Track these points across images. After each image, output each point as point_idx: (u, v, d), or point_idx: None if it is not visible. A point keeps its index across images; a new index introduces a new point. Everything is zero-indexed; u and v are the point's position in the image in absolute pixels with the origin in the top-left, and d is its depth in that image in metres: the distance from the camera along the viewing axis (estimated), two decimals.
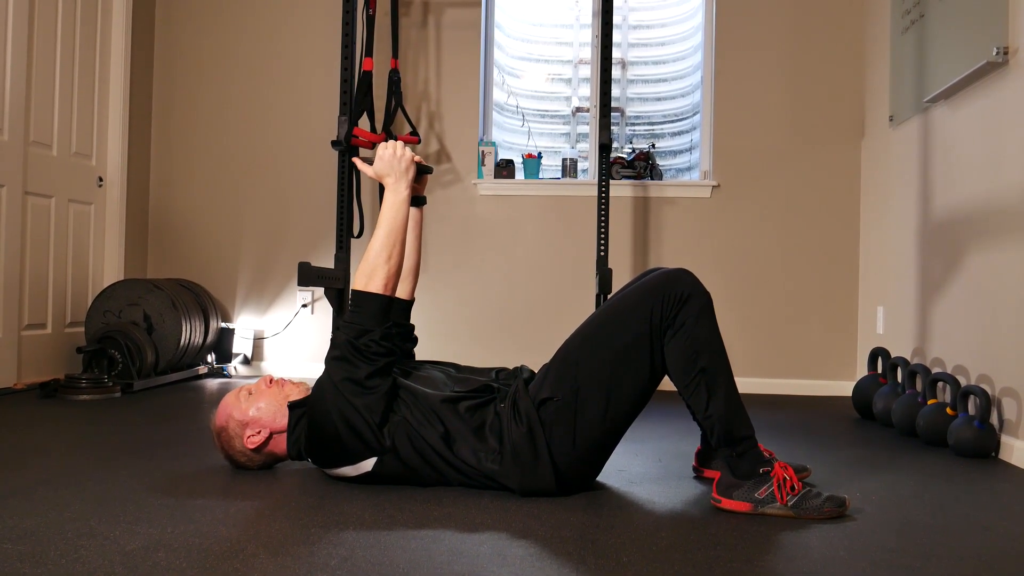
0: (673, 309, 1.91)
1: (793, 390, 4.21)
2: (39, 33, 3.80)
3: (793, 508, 1.85)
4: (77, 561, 1.45)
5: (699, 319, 1.92)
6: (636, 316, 1.93)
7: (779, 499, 1.86)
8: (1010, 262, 2.65)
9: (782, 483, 1.87)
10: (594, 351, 1.95)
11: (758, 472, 1.90)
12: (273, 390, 2.10)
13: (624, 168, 4.37)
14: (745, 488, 1.89)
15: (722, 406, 1.92)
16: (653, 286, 1.95)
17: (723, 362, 1.95)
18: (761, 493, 1.87)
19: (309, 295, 4.51)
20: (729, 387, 1.94)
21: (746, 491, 1.89)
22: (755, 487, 1.88)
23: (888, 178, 3.83)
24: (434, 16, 4.49)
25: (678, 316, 1.91)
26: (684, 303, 1.91)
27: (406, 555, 1.53)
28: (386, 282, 2.00)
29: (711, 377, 1.92)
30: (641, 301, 1.95)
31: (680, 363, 1.92)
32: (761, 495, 1.87)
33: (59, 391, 3.46)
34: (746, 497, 1.88)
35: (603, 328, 1.97)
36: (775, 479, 1.87)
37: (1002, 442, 2.61)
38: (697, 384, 1.92)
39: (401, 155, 2.08)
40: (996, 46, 2.68)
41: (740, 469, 1.91)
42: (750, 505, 1.88)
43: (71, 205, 4.07)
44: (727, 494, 1.90)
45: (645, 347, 1.93)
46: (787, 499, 1.86)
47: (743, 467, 1.91)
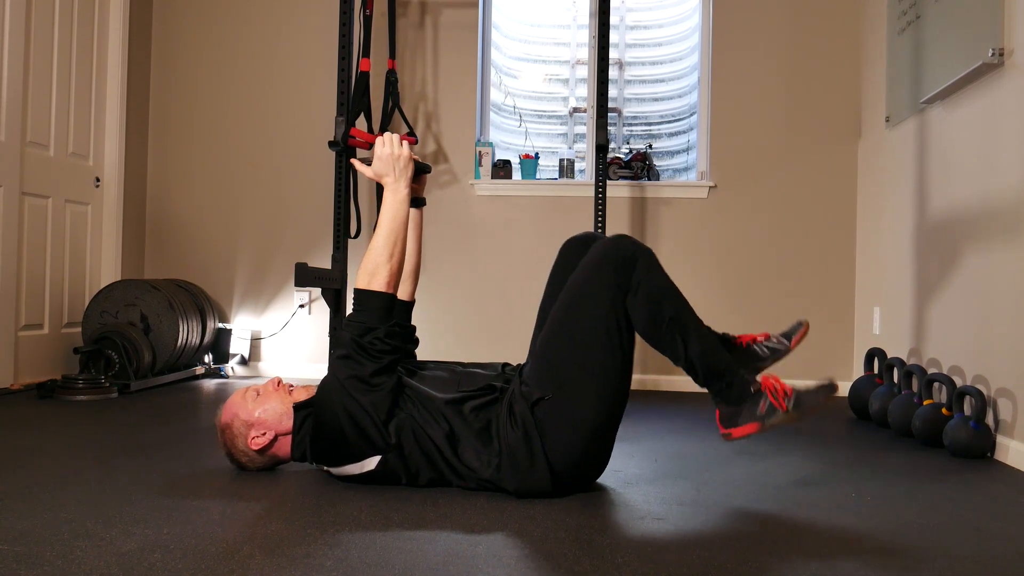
0: (625, 274, 1.93)
1: None
2: (36, 33, 3.80)
3: (795, 410, 1.88)
4: (73, 562, 1.45)
5: (651, 274, 1.94)
6: (594, 293, 1.95)
7: (779, 407, 1.89)
8: (1006, 263, 2.65)
9: (775, 392, 1.91)
10: (566, 340, 1.96)
11: (750, 392, 1.93)
12: (281, 393, 2.11)
13: (621, 168, 4.37)
14: (745, 411, 1.91)
15: (698, 346, 1.94)
16: (599, 259, 1.97)
17: (685, 305, 1.98)
18: (761, 409, 1.90)
19: (306, 295, 4.51)
20: (698, 327, 1.97)
21: (747, 413, 1.91)
22: (753, 406, 1.91)
23: (884, 179, 3.84)
24: (431, 16, 4.49)
25: (632, 278, 1.93)
26: (633, 264, 1.93)
27: (402, 556, 1.53)
28: (388, 280, 2.01)
29: (680, 324, 1.94)
30: (593, 277, 1.96)
31: (647, 320, 1.94)
32: (762, 411, 1.90)
33: (56, 392, 3.46)
34: (749, 418, 1.91)
35: (567, 315, 1.98)
36: (767, 391, 1.91)
37: (997, 442, 2.62)
38: (670, 334, 1.94)
39: (399, 154, 2.08)
40: (992, 47, 2.69)
41: (733, 396, 1.94)
42: (757, 424, 1.90)
43: (68, 205, 4.06)
44: (732, 424, 1.93)
45: (612, 318, 1.94)
46: (786, 404, 1.89)
47: (735, 393, 1.94)
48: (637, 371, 4.28)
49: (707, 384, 1.98)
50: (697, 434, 2.96)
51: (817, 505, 2.00)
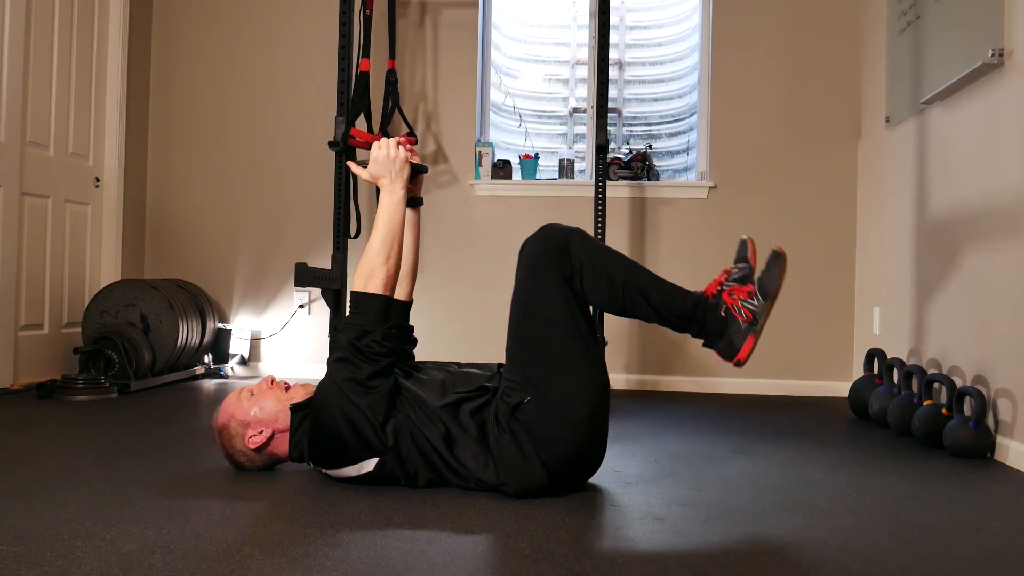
0: (563, 260, 1.94)
1: (789, 391, 4.22)
2: (36, 33, 3.80)
3: (765, 300, 1.95)
4: (73, 562, 1.45)
5: (588, 250, 1.96)
6: (541, 288, 1.96)
7: (754, 304, 1.95)
8: (1006, 263, 2.65)
9: (744, 300, 1.95)
10: (528, 341, 1.97)
11: (722, 316, 1.96)
12: (275, 391, 2.11)
13: (621, 169, 4.37)
14: (733, 334, 1.95)
15: (659, 298, 1.98)
16: (534, 255, 1.98)
17: (632, 265, 2.01)
18: (743, 320, 1.94)
19: (306, 296, 4.51)
20: (652, 279, 2.00)
21: (737, 335, 1.95)
22: (735, 324, 1.95)
23: (884, 179, 3.84)
24: (431, 17, 4.49)
25: (571, 262, 1.94)
26: (567, 248, 1.95)
27: (402, 556, 1.53)
28: (385, 282, 2.01)
29: (636, 284, 1.97)
30: (535, 274, 1.97)
31: (604, 293, 1.96)
32: (745, 322, 1.94)
33: (56, 392, 3.46)
34: (742, 337, 1.94)
35: (523, 317, 1.99)
36: (734, 306, 1.95)
37: (997, 443, 2.62)
38: (630, 297, 1.97)
39: (395, 156, 2.08)
40: (991, 48, 2.69)
41: (713, 329, 1.97)
42: (751, 337, 1.94)
43: (68, 205, 4.06)
44: (733, 350, 1.96)
45: (565, 307, 1.95)
46: (756, 300, 1.95)
47: (713, 326, 1.98)
48: (636, 371, 4.29)
49: (684, 329, 2.01)
50: (696, 434, 2.96)
51: (817, 505, 2.00)
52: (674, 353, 4.24)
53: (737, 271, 2.06)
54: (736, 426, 3.17)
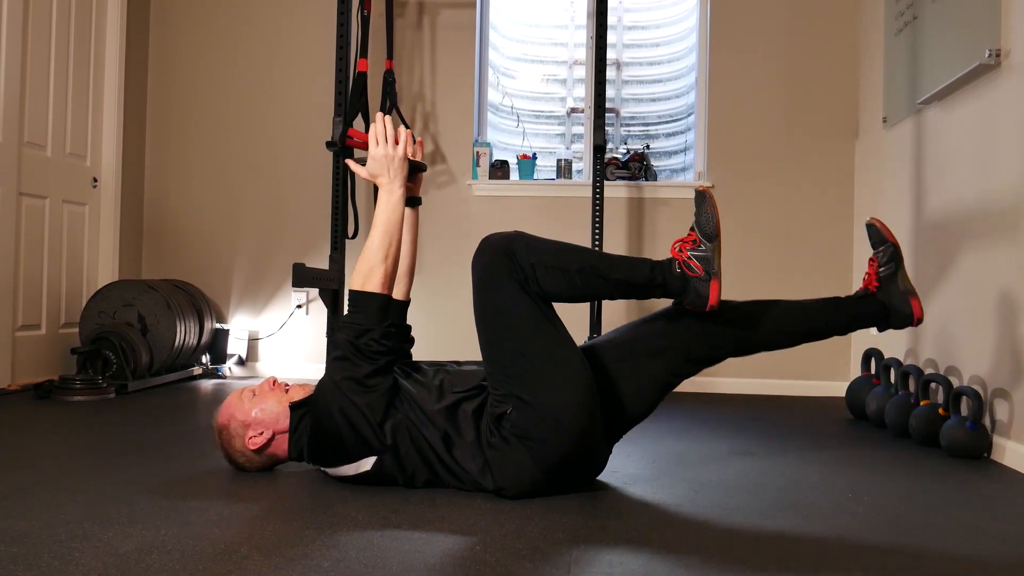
0: (513, 265, 1.93)
1: (787, 391, 4.22)
2: (33, 33, 3.79)
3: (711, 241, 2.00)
4: (71, 563, 1.45)
5: (532, 249, 1.96)
6: (499, 301, 1.95)
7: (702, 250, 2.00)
8: (1003, 263, 2.66)
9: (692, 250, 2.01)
10: (500, 356, 1.95)
11: (677, 272, 2.00)
12: (276, 392, 2.11)
13: (619, 169, 4.37)
14: (694, 285, 1.99)
15: (617, 275, 2.00)
16: (484, 270, 1.96)
17: (579, 250, 2.04)
18: (699, 269, 1.99)
19: (304, 296, 4.50)
20: (604, 259, 2.04)
21: (699, 284, 1.99)
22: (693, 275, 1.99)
23: (882, 179, 3.85)
24: (429, 17, 4.50)
25: (522, 266, 1.93)
26: (513, 253, 1.94)
27: (399, 556, 1.53)
28: (384, 281, 2.01)
29: (590, 267, 1.99)
30: (489, 289, 1.96)
31: (562, 284, 1.96)
32: (700, 270, 1.99)
33: (53, 392, 3.46)
34: (704, 285, 1.99)
35: (489, 332, 1.97)
36: (685, 261, 2.00)
37: (994, 443, 2.62)
38: (588, 281, 1.98)
39: (393, 154, 2.08)
40: (988, 48, 2.69)
41: (676, 287, 2.01)
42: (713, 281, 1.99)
43: (65, 206, 4.06)
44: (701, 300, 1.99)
45: (530, 314, 1.94)
46: (702, 245, 2.00)
47: (674, 284, 2.01)
48: None
49: (649, 295, 2.04)
50: (694, 434, 2.96)
51: (814, 505, 2.01)
52: None
53: (883, 253, 2.25)
54: (733, 426, 3.17)
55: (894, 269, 2.26)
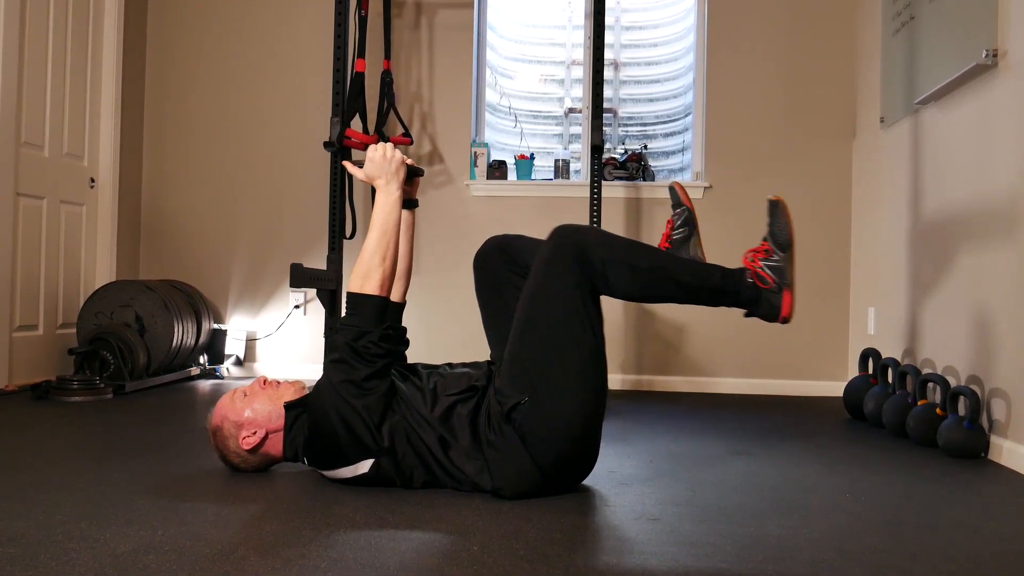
0: (584, 261, 1.92)
1: (785, 391, 4.22)
2: (30, 33, 3.79)
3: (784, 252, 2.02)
4: (67, 564, 1.45)
5: (607, 245, 1.95)
6: (558, 290, 1.94)
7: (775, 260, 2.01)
8: (1000, 263, 2.66)
9: (764, 260, 2.01)
10: (534, 343, 1.94)
11: (748, 282, 2.00)
12: (268, 391, 2.10)
13: (616, 169, 4.37)
14: (767, 295, 1.99)
15: (688, 279, 2.00)
16: (551, 260, 1.95)
17: (652, 250, 2.03)
18: (770, 280, 1.99)
19: (301, 296, 4.50)
20: (677, 261, 2.03)
21: (771, 295, 1.99)
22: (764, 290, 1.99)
23: (879, 179, 3.85)
24: (427, 17, 4.49)
25: (592, 260, 1.93)
26: (586, 248, 1.93)
27: (396, 557, 1.53)
28: (381, 283, 2.01)
29: (660, 268, 1.99)
30: (550, 279, 1.95)
31: (630, 283, 1.96)
32: (772, 280, 1.99)
33: (51, 393, 3.45)
34: (776, 295, 1.99)
35: (534, 317, 1.96)
36: (757, 272, 2.00)
37: (991, 442, 2.63)
38: (657, 282, 1.98)
39: (391, 157, 2.08)
40: (985, 48, 2.70)
41: (748, 297, 2.00)
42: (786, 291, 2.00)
43: (63, 206, 4.06)
44: (774, 310, 2.00)
45: (581, 313, 1.93)
46: (775, 255, 2.01)
47: (747, 294, 2.00)
48: (632, 371, 4.30)
49: (719, 303, 2.03)
50: (691, 434, 2.96)
51: (812, 505, 2.01)
52: (670, 353, 4.24)
53: (677, 216, 2.19)
54: (731, 426, 3.18)
55: (687, 234, 2.26)
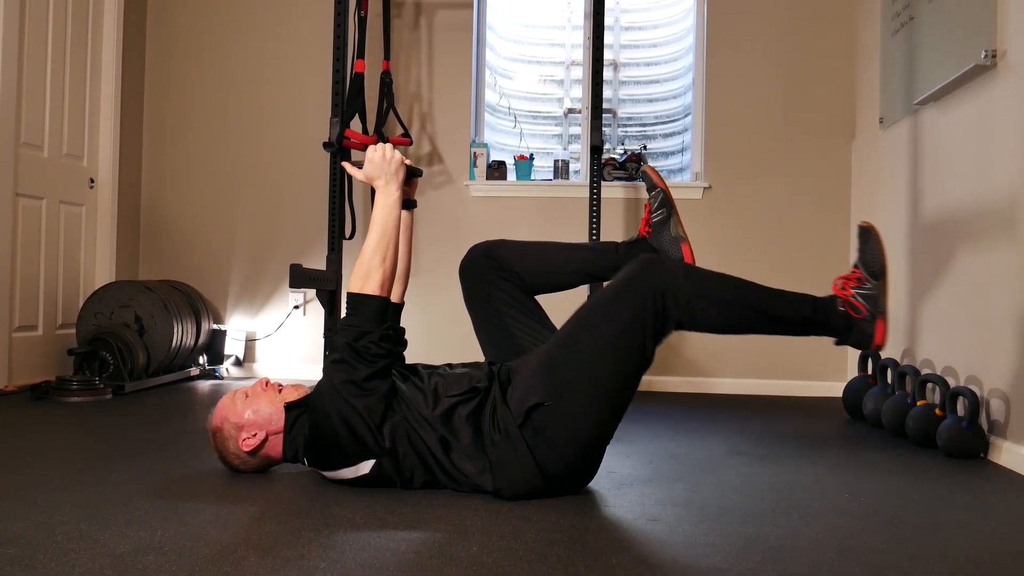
0: (670, 296, 1.88)
1: (784, 391, 4.22)
2: (30, 33, 3.79)
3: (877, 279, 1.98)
4: (67, 564, 1.45)
5: (692, 283, 1.90)
6: (619, 318, 1.91)
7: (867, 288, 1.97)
8: (999, 264, 2.66)
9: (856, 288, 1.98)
10: (578, 353, 1.93)
11: (840, 311, 1.98)
12: (270, 393, 2.10)
13: (616, 169, 4.38)
14: (860, 324, 1.97)
15: (778, 309, 1.96)
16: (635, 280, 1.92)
17: (738, 282, 1.97)
18: (863, 309, 1.96)
19: (301, 296, 4.50)
20: (765, 292, 1.97)
21: (864, 323, 1.97)
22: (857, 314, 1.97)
23: (878, 179, 3.85)
24: (426, 18, 4.50)
25: (678, 302, 1.88)
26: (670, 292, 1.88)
27: (396, 557, 1.53)
28: (382, 284, 2.01)
29: (748, 301, 1.94)
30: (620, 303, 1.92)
31: (717, 317, 1.92)
32: (864, 309, 1.96)
33: (50, 393, 3.45)
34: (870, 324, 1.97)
35: (585, 329, 1.95)
36: (847, 299, 1.98)
37: (990, 443, 2.63)
38: (745, 315, 1.95)
39: (391, 157, 2.09)
40: (984, 49, 2.70)
41: (839, 325, 1.98)
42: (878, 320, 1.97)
43: (62, 207, 4.06)
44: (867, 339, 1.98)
45: (635, 344, 1.91)
46: (867, 283, 1.97)
47: (837, 323, 1.99)
48: None
49: (810, 333, 2.02)
50: (691, 435, 2.96)
51: (811, 506, 2.01)
52: (670, 354, 4.24)
53: (653, 199, 2.20)
54: (730, 427, 3.18)
55: (665, 215, 2.25)
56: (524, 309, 2.24)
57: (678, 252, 2.21)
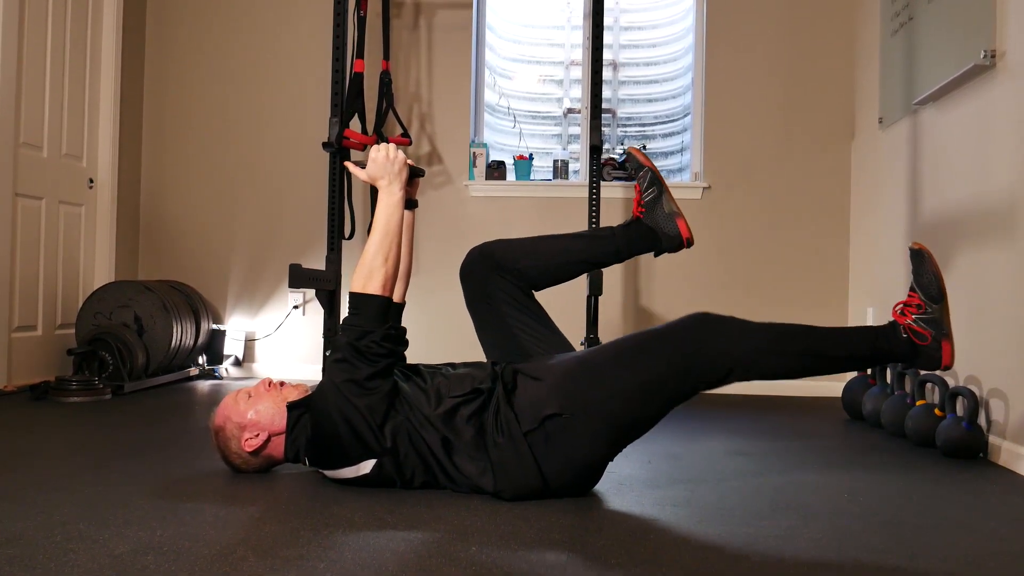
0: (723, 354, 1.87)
1: (783, 391, 4.22)
2: (29, 33, 3.79)
3: (935, 303, 1.96)
4: (66, 564, 1.45)
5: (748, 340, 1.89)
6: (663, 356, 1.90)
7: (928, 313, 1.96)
8: (998, 264, 2.66)
9: (917, 316, 1.97)
10: (610, 379, 1.91)
11: (903, 338, 1.97)
12: (272, 393, 2.10)
13: (615, 169, 4.38)
14: (926, 350, 1.96)
15: (840, 350, 1.95)
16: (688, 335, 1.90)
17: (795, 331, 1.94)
18: (927, 335, 1.95)
19: (300, 296, 4.50)
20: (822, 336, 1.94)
21: (930, 348, 1.96)
22: (922, 340, 1.95)
23: (877, 179, 3.85)
24: (425, 18, 4.50)
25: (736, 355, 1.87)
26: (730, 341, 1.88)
27: (395, 558, 1.53)
28: (384, 283, 2.01)
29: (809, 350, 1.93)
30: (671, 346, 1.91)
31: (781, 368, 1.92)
32: (928, 336, 1.95)
33: (49, 393, 3.45)
34: (936, 348, 1.95)
35: (622, 367, 1.93)
36: (910, 328, 1.96)
37: (989, 443, 2.63)
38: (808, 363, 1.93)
39: (394, 158, 2.09)
40: (983, 49, 2.70)
41: (904, 352, 1.97)
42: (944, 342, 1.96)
43: (62, 207, 4.06)
44: (934, 362, 1.97)
45: (669, 388, 1.91)
46: (928, 308, 1.96)
47: (903, 350, 1.97)
48: None
49: (879, 363, 2.04)
50: (690, 435, 2.97)
51: (810, 506, 2.01)
52: None
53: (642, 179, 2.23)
54: (729, 426, 3.18)
55: (657, 193, 2.25)
56: (526, 310, 2.24)
57: (674, 227, 2.21)
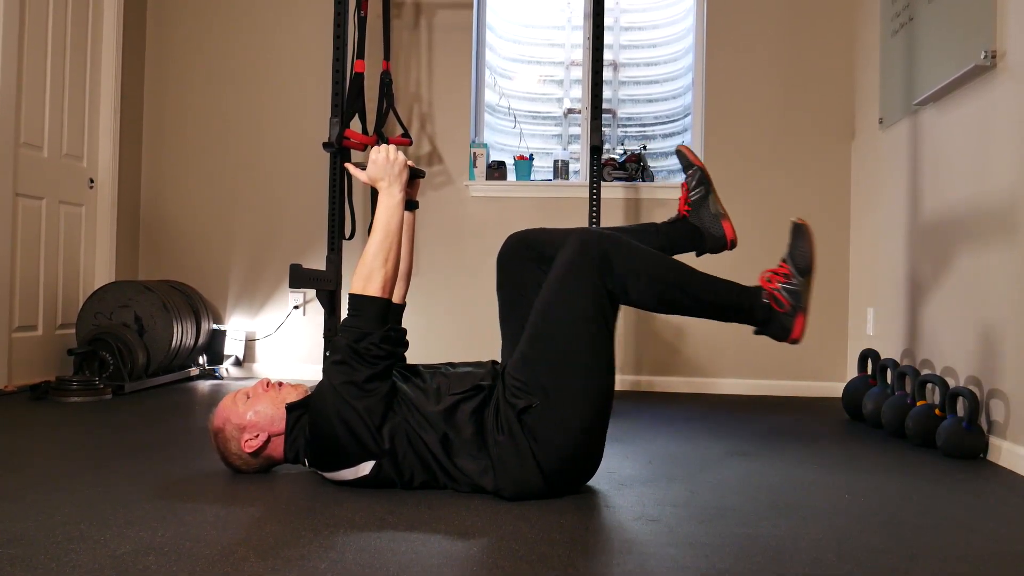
0: (606, 269, 1.93)
1: (784, 391, 4.23)
2: (30, 34, 3.79)
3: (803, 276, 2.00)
4: (67, 565, 1.45)
5: (628, 257, 1.95)
6: (572, 299, 1.94)
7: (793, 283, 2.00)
8: (999, 264, 2.67)
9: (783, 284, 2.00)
10: (550, 347, 1.94)
11: (763, 303, 2.00)
12: (271, 393, 2.11)
13: (616, 170, 4.38)
14: (780, 317, 2.00)
15: (707, 293, 2.00)
16: (572, 264, 1.95)
17: (671, 263, 2.00)
18: (786, 303, 1.99)
19: (301, 297, 4.50)
20: (695, 276, 2.00)
21: (784, 316, 2.00)
22: (779, 307, 1.99)
23: (878, 180, 3.85)
24: (426, 18, 4.50)
25: (614, 270, 1.93)
26: (610, 258, 1.93)
27: (396, 558, 1.53)
28: (384, 285, 2.01)
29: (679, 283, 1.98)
30: (568, 284, 1.95)
31: (648, 295, 1.96)
32: (787, 303, 1.99)
33: (50, 393, 3.45)
34: (791, 318, 1.99)
35: (547, 321, 1.96)
36: (774, 293, 2.00)
37: (990, 443, 2.63)
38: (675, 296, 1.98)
39: (394, 159, 2.09)
40: (984, 49, 2.70)
41: (761, 315, 2.01)
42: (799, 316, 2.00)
43: (62, 207, 4.06)
44: (786, 331, 2.01)
45: (594, 321, 1.94)
46: (794, 279, 1.99)
47: (761, 314, 2.01)
48: (631, 372, 4.30)
49: (731, 320, 2.05)
50: (690, 435, 2.97)
51: (810, 506, 2.01)
52: (669, 354, 4.24)
53: (690, 179, 2.26)
54: (730, 427, 3.18)
55: (704, 193, 2.28)
56: None
57: (719, 229, 2.25)
